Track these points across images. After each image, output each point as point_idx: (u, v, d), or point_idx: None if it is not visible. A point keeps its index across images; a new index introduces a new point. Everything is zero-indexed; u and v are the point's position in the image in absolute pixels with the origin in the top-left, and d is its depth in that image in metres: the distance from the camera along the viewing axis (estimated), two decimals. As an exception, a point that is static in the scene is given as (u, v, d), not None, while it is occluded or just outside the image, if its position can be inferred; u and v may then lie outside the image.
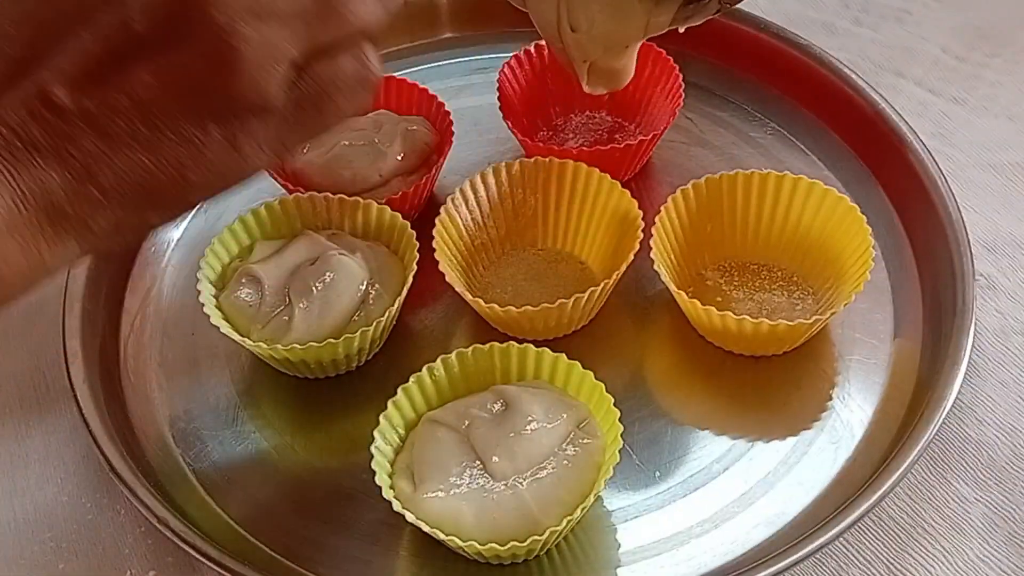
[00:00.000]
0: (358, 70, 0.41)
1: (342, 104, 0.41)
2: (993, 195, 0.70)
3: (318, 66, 0.40)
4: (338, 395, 0.62)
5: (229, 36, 0.37)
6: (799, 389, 0.60)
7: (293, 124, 0.40)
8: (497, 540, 0.51)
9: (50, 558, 0.57)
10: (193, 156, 0.38)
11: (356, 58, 0.41)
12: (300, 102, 0.40)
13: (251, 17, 0.37)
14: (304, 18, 0.39)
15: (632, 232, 0.61)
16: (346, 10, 0.40)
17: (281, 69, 0.39)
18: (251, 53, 0.37)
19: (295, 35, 0.38)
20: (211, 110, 0.38)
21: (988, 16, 0.81)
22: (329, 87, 0.40)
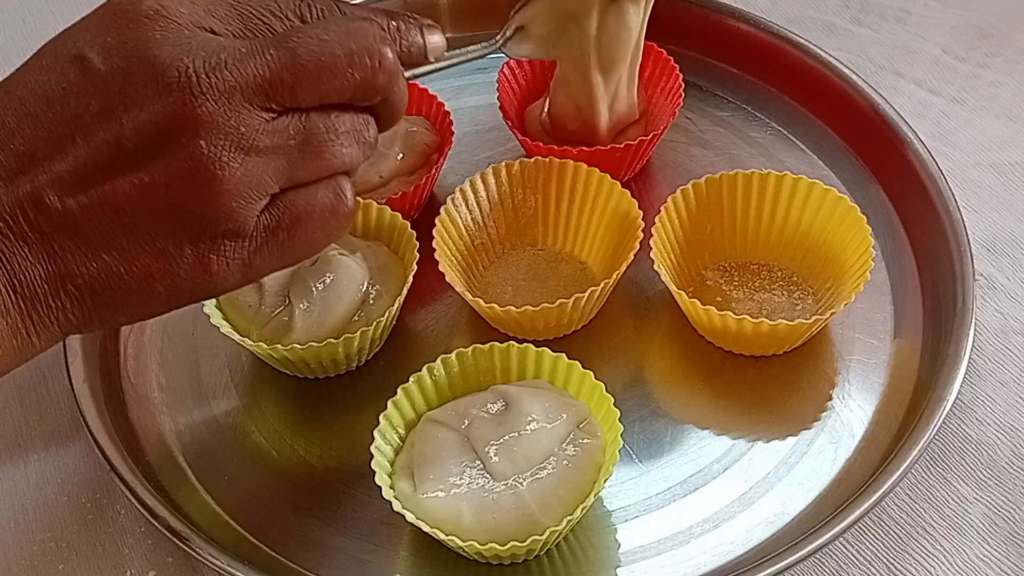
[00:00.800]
0: (332, 202, 0.43)
1: (314, 234, 0.43)
2: (993, 195, 0.70)
3: (293, 195, 0.42)
4: (338, 395, 0.62)
5: (211, 163, 0.39)
6: (799, 389, 0.60)
7: (264, 249, 0.42)
8: (497, 540, 0.51)
9: (50, 558, 0.57)
10: (163, 269, 0.41)
11: (331, 190, 0.43)
12: (273, 228, 0.42)
13: (236, 150, 0.40)
14: (287, 155, 0.41)
15: (632, 232, 0.61)
16: (328, 152, 0.42)
17: (258, 200, 0.41)
18: (230, 181, 0.40)
19: (276, 170, 0.41)
20: (186, 229, 0.40)
21: (988, 16, 0.81)
22: (302, 216, 0.43)
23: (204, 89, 0.39)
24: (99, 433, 0.57)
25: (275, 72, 0.40)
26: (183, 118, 0.39)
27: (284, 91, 0.41)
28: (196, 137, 0.39)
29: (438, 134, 0.70)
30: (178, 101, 0.39)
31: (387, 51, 0.43)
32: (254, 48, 0.41)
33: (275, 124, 0.41)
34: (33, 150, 0.40)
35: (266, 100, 0.40)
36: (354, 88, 0.42)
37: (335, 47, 0.41)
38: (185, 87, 0.39)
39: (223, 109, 0.39)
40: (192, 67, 0.39)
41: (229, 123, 0.40)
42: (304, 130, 0.41)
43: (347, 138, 0.43)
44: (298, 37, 0.41)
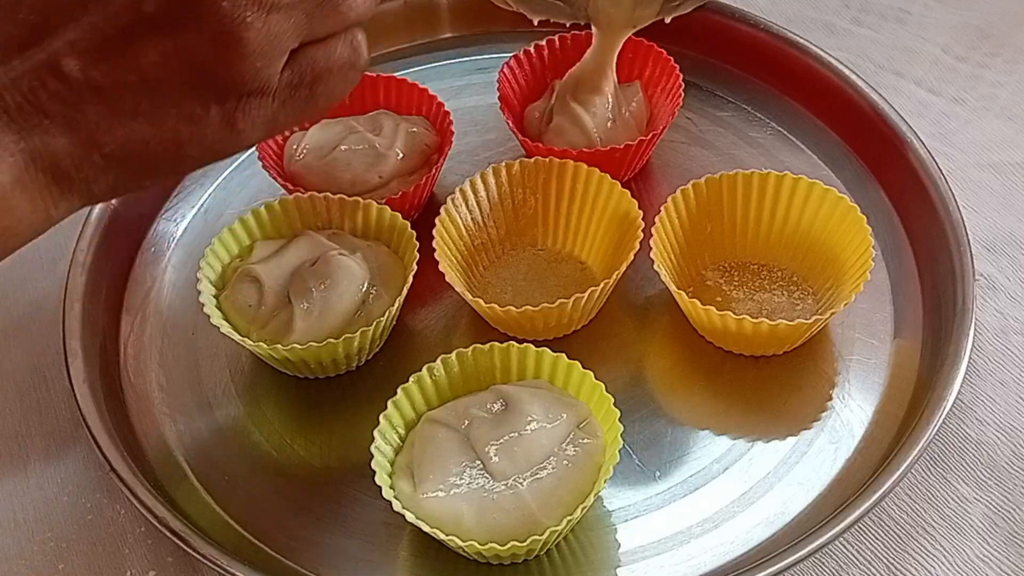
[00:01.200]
0: (350, 55, 0.44)
1: (333, 87, 0.44)
2: (993, 195, 0.70)
3: (313, 51, 0.42)
4: (338, 395, 0.62)
5: (234, 24, 0.39)
6: (799, 389, 0.60)
7: (288, 105, 0.42)
8: (497, 540, 0.51)
9: (50, 558, 0.57)
10: (192, 131, 0.40)
11: (348, 44, 0.43)
12: (295, 84, 0.42)
13: (258, 9, 0.39)
14: (305, 10, 0.41)
15: (632, 232, 0.61)
16: (344, 5, 0.42)
17: (280, 57, 0.41)
18: (254, 41, 0.39)
19: (296, 25, 0.41)
20: (212, 90, 0.40)
21: (988, 16, 0.81)
22: (323, 71, 0.43)
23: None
24: (99, 433, 0.57)
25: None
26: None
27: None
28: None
29: (438, 134, 0.70)
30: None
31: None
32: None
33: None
34: (44, 19, 0.39)
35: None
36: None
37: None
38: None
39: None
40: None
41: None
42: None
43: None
44: None
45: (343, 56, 0.43)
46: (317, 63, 0.43)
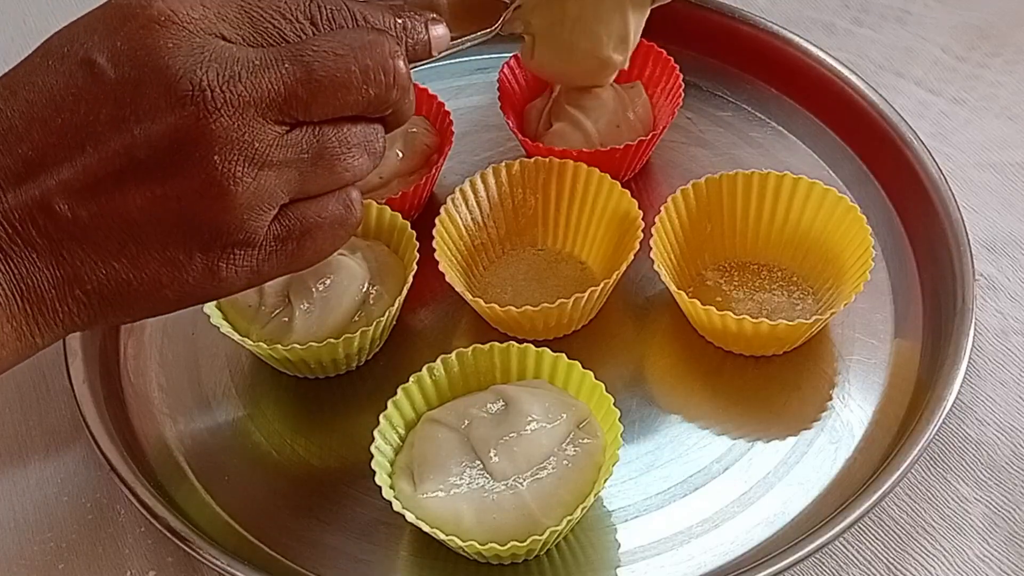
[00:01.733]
0: (341, 213, 0.44)
1: (322, 244, 0.44)
2: (993, 195, 0.70)
3: (304, 207, 0.43)
4: (338, 395, 0.62)
5: (223, 177, 0.39)
6: (799, 389, 0.60)
7: (273, 257, 0.43)
8: (497, 540, 0.51)
9: (50, 558, 0.57)
10: (173, 276, 0.41)
11: (341, 202, 0.44)
12: (283, 238, 0.42)
13: (249, 165, 0.40)
14: (299, 169, 0.41)
15: (632, 232, 0.61)
16: (340, 165, 0.42)
17: (269, 211, 0.41)
18: (242, 195, 0.40)
19: (287, 182, 0.41)
20: (197, 239, 0.41)
21: (988, 16, 0.81)
22: (312, 227, 0.43)
23: (219, 104, 0.39)
24: (99, 433, 0.57)
25: (290, 87, 0.40)
26: (197, 132, 0.39)
27: (299, 106, 0.41)
28: (210, 151, 0.39)
29: (438, 134, 0.70)
30: (192, 115, 0.39)
31: (400, 65, 0.43)
32: (268, 60, 0.40)
33: (288, 138, 0.41)
34: (42, 156, 0.39)
35: (280, 114, 0.40)
36: (367, 102, 0.42)
37: (350, 62, 0.41)
38: (199, 101, 0.39)
39: (237, 124, 0.39)
40: (206, 80, 0.39)
41: (243, 138, 0.39)
42: (317, 144, 0.42)
43: (358, 150, 0.43)
44: (313, 50, 0.41)
45: (334, 214, 0.43)
46: (307, 219, 0.43)
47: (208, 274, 0.41)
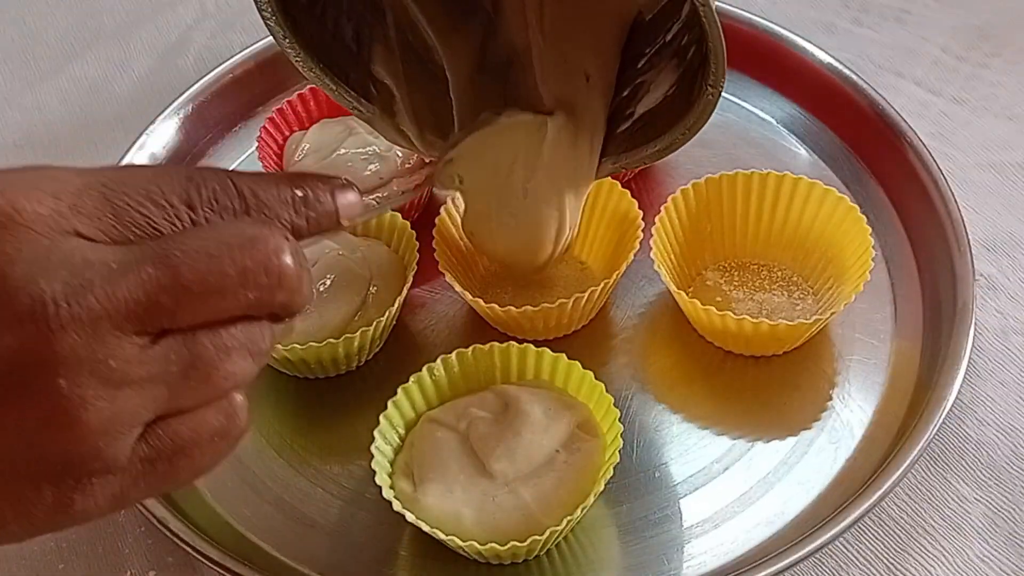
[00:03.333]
0: (222, 425, 0.38)
1: (200, 461, 0.38)
2: (993, 195, 0.70)
3: (176, 424, 0.37)
4: (338, 395, 0.62)
5: (71, 405, 0.34)
6: (799, 389, 0.60)
7: (141, 481, 0.37)
8: (497, 540, 0.51)
9: (50, 558, 0.57)
10: (17, 513, 0.35)
11: (222, 412, 0.38)
12: (151, 460, 0.37)
13: (104, 386, 0.34)
14: (167, 382, 0.36)
15: (632, 232, 0.61)
16: (217, 375, 0.36)
17: (131, 433, 0.35)
18: (97, 422, 0.34)
19: (155, 400, 0.36)
20: (45, 472, 0.35)
21: (988, 16, 0.81)
22: (188, 446, 0.37)
23: (64, 321, 0.33)
24: (99, 433, 0.57)
25: (151, 295, 0.34)
26: (39, 354, 0.33)
27: (162, 315, 0.35)
28: (54, 376, 0.33)
29: (438, 134, 0.70)
30: (32, 335, 0.33)
31: (287, 264, 0.37)
32: (127, 262, 0.34)
33: (152, 352, 0.35)
34: None
35: (140, 325, 0.35)
36: (247, 306, 0.37)
37: (225, 264, 0.35)
38: (41, 318, 0.33)
39: (87, 341, 0.33)
40: (49, 291, 0.33)
41: (95, 356, 0.34)
42: (188, 354, 0.36)
43: (239, 354, 0.37)
44: (182, 250, 0.35)
45: (214, 426, 0.37)
46: (180, 436, 0.37)
47: (60, 508, 0.35)
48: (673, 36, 0.52)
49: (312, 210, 0.40)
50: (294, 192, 0.40)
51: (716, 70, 0.46)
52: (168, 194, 0.37)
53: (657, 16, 0.52)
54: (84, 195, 0.35)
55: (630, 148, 0.54)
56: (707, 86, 0.47)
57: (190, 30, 0.85)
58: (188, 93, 0.74)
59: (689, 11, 0.50)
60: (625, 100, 0.54)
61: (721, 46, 0.45)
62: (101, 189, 0.36)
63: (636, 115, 0.54)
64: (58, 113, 0.79)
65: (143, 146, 0.71)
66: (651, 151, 0.53)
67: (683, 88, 0.51)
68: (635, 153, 0.54)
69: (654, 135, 0.53)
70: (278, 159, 0.69)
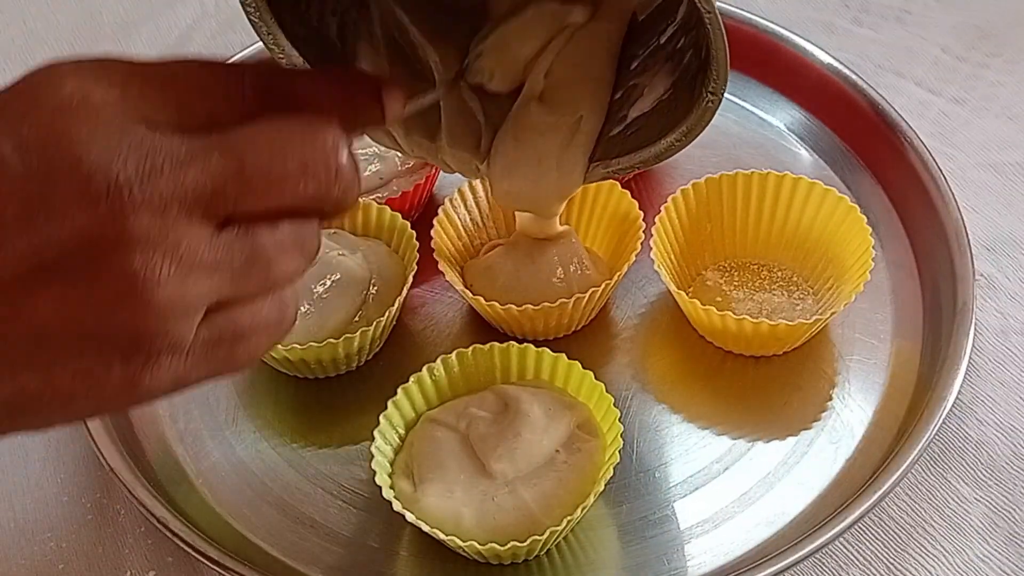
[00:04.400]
0: (276, 315, 0.39)
1: (256, 347, 0.39)
2: (993, 195, 0.70)
3: (239, 313, 0.38)
4: (338, 395, 0.62)
5: (145, 284, 0.35)
6: (799, 389, 0.60)
7: (202, 363, 0.38)
8: (497, 540, 0.51)
9: (50, 558, 0.57)
10: (87, 389, 0.36)
11: (276, 305, 0.39)
12: (213, 343, 0.38)
13: (174, 268, 0.35)
14: (230, 270, 0.37)
15: (632, 232, 0.61)
16: (274, 267, 0.38)
17: (196, 315, 0.37)
18: (167, 302, 0.35)
19: (217, 286, 0.37)
20: (116, 349, 0.36)
21: (988, 16, 0.81)
22: (245, 331, 0.39)
23: (137, 202, 0.34)
24: (99, 433, 0.57)
25: (219, 182, 0.36)
26: (113, 234, 0.34)
27: (228, 203, 0.36)
28: (129, 254, 0.35)
29: (438, 134, 0.70)
30: (107, 215, 0.34)
31: (344, 159, 0.38)
32: (195, 150, 0.36)
33: (219, 240, 0.36)
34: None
35: (208, 211, 0.36)
36: (305, 199, 0.38)
37: (288, 156, 0.37)
38: (115, 199, 0.34)
39: (159, 224, 0.35)
40: (123, 175, 0.34)
41: (166, 239, 0.35)
42: (250, 247, 0.37)
43: (293, 251, 0.38)
44: (246, 140, 0.36)
45: (269, 317, 0.39)
46: (240, 323, 0.38)
47: (128, 386, 0.37)
48: (668, 38, 0.51)
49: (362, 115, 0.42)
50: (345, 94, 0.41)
51: (718, 77, 0.46)
52: (227, 85, 0.38)
53: (650, 17, 0.52)
54: (148, 83, 0.37)
55: (623, 153, 0.54)
56: (707, 92, 0.47)
57: (190, 30, 0.85)
58: (188, 93, 0.74)
59: (686, 14, 0.49)
60: (618, 103, 0.54)
61: (725, 53, 0.44)
62: (166, 77, 0.37)
63: (629, 119, 0.54)
64: (58, 113, 0.79)
65: (143, 146, 0.71)
66: (644, 156, 0.53)
67: (679, 93, 0.51)
68: (628, 158, 0.54)
69: (648, 140, 0.52)
70: (278, 159, 0.69)
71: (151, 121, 0.36)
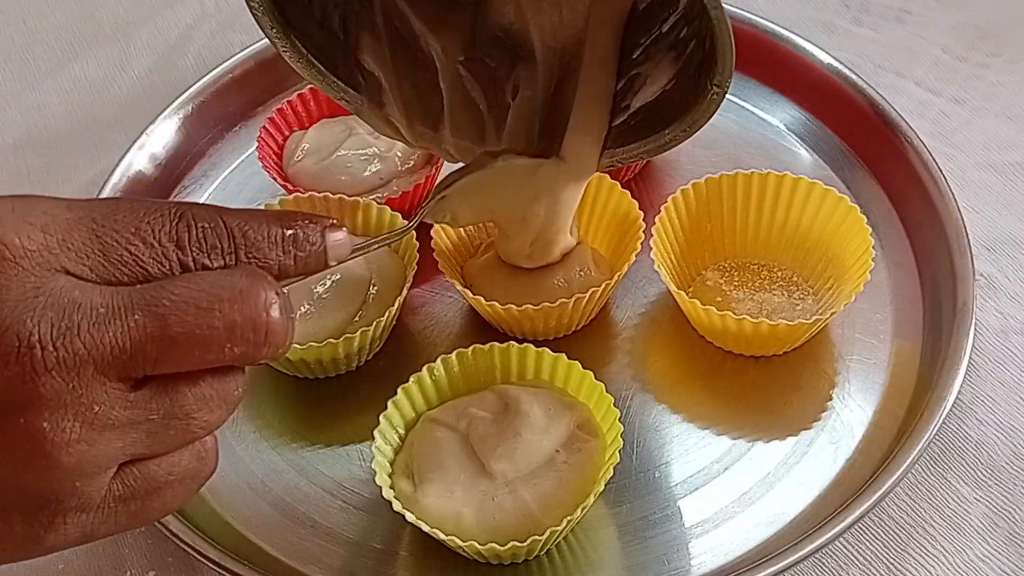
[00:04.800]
0: (195, 465, 0.38)
1: (170, 500, 0.38)
2: (993, 195, 0.70)
3: (152, 465, 0.37)
4: (338, 395, 0.62)
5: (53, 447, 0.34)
6: (799, 389, 0.60)
7: (111, 519, 0.37)
8: (497, 540, 0.51)
9: (50, 558, 0.56)
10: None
11: (194, 455, 0.38)
12: (125, 498, 0.37)
13: (85, 429, 0.34)
14: (146, 427, 0.36)
15: (632, 232, 0.61)
16: (193, 421, 0.37)
17: (107, 473, 0.36)
18: (76, 464, 0.34)
19: (132, 443, 0.36)
20: (18, 507, 0.35)
21: (988, 16, 0.81)
22: (160, 485, 0.38)
23: (49, 364, 0.33)
24: (99, 433, 0.57)
25: (138, 343, 0.34)
26: (23, 395, 0.33)
27: (148, 364, 0.35)
28: (37, 416, 0.33)
29: (438, 134, 0.70)
30: (17, 376, 0.33)
31: (275, 319, 0.37)
32: (116, 307, 0.34)
33: (133, 398, 0.35)
34: None
35: (124, 371, 0.35)
36: (231, 360, 0.37)
37: (214, 317, 0.35)
38: (26, 359, 0.33)
39: (72, 385, 0.33)
40: (37, 333, 0.33)
41: (79, 400, 0.34)
42: (169, 403, 0.36)
43: (215, 403, 0.37)
44: (171, 299, 0.35)
45: (187, 468, 0.38)
46: (155, 477, 0.37)
47: (30, 542, 0.35)
48: (670, 28, 0.51)
49: (301, 250, 0.40)
50: (284, 232, 0.39)
51: (723, 70, 0.46)
52: (158, 232, 0.36)
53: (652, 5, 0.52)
54: (74, 230, 0.35)
55: (626, 142, 0.54)
56: (712, 85, 0.46)
57: (190, 30, 0.85)
58: (188, 93, 0.74)
59: (687, 4, 0.49)
60: (621, 92, 0.54)
61: (730, 47, 0.44)
62: (91, 225, 0.35)
63: (633, 108, 0.54)
64: (58, 113, 0.79)
65: (143, 146, 0.71)
66: (648, 147, 0.53)
67: (683, 83, 0.51)
68: (632, 148, 0.54)
69: (652, 130, 0.52)
70: (278, 159, 0.69)
71: (73, 272, 0.35)
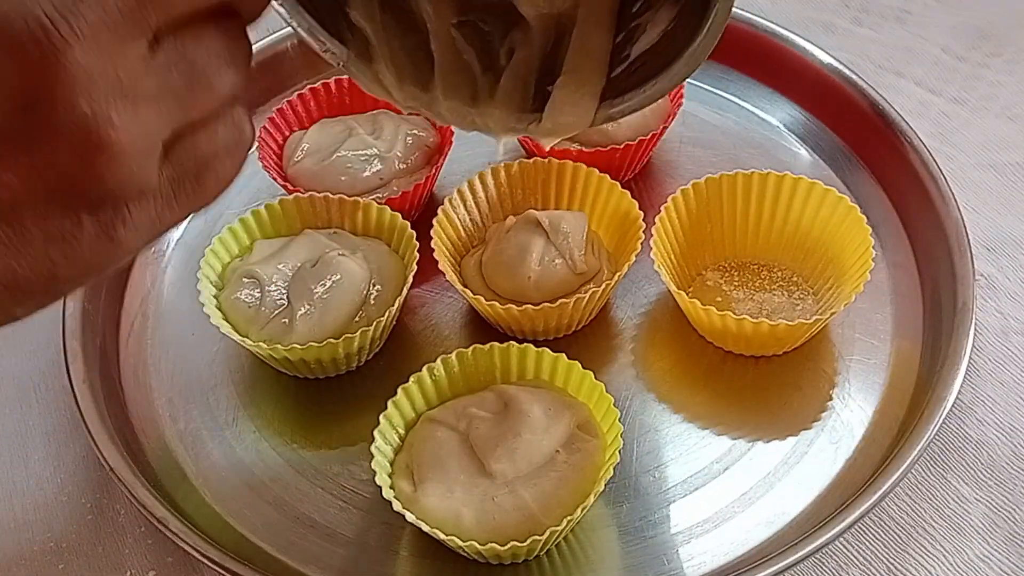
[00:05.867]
0: (233, 135, 0.38)
1: (223, 172, 0.38)
2: (993, 195, 0.70)
3: (193, 140, 0.37)
4: (338, 395, 0.62)
5: (100, 126, 0.33)
6: (799, 389, 0.60)
7: (174, 202, 0.37)
8: (497, 540, 0.51)
9: (50, 558, 0.57)
10: (64, 253, 0.35)
11: (228, 124, 0.38)
12: (179, 179, 0.37)
13: (124, 101, 0.33)
14: (176, 95, 0.35)
15: (633, 232, 0.61)
16: (217, 81, 0.37)
17: (155, 152, 0.36)
18: (127, 141, 0.34)
19: (168, 113, 0.35)
20: (84, 203, 0.35)
21: (988, 16, 0.81)
22: (208, 158, 0.38)
23: (65, 36, 0.32)
24: (98, 433, 0.57)
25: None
26: (50, 78, 0.32)
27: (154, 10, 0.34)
28: (72, 97, 0.32)
29: (438, 134, 0.70)
30: (38, 60, 0.32)
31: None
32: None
33: (155, 62, 0.34)
34: None
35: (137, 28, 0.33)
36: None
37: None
38: (43, 39, 0.31)
39: (94, 55, 0.32)
40: (43, 11, 0.32)
41: (106, 71, 0.33)
42: (186, 64, 0.35)
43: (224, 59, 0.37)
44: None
45: (228, 138, 0.38)
46: (200, 151, 0.37)
47: (104, 240, 0.35)
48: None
49: None
50: None
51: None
52: None
53: None
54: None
55: (626, 90, 0.53)
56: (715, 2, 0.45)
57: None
58: (188, 93, 0.74)
59: None
60: (620, 44, 0.54)
61: None
62: None
63: (632, 57, 0.53)
64: (58, 113, 0.79)
65: (143, 146, 0.71)
66: (649, 91, 0.52)
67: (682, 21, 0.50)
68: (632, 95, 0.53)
69: (651, 74, 0.52)
70: (278, 159, 0.69)
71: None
